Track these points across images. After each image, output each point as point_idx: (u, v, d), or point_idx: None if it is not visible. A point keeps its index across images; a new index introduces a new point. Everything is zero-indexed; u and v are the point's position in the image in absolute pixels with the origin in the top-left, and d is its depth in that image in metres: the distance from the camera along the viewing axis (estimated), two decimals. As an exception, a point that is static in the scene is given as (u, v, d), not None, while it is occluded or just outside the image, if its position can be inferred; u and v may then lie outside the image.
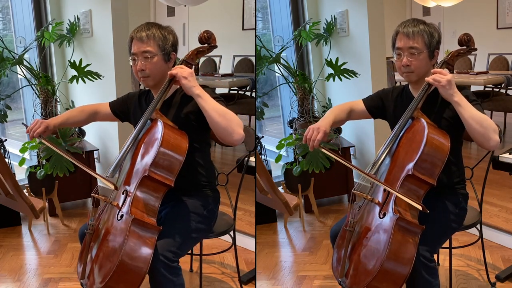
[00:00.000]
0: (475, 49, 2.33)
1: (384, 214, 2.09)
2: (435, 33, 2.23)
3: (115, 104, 2.51)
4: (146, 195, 2.13)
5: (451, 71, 2.22)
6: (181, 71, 2.15)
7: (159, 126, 2.15)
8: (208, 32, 2.36)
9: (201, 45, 2.37)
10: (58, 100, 4.23)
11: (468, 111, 2.06)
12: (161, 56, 2.25)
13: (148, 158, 2.11)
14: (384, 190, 2.14)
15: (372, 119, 2.52)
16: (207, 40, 2.36)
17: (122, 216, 2.09)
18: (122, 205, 2.12)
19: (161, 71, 2.26)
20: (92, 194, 2.21)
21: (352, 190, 2.21)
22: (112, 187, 2.13)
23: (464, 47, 2.32)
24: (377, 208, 2.13)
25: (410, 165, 2.08)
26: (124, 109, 2.47)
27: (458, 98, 2.08)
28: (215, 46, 2.38)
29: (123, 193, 2.15)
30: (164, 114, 2.23)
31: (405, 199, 2.04)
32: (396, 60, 2.25)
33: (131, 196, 2.11)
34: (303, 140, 2.25)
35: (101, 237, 2.13)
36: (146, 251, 2.04)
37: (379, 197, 2.16)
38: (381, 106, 2.42)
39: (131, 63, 2.29)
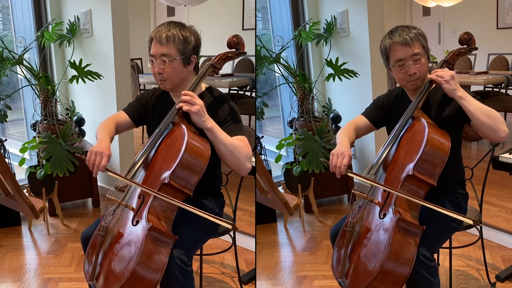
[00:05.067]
0: (476, 48, 2.32)
1: (384, 215, 2.09)
2: (423, 34, 2.21)
3: (132, 111, 2.36)
4: (164, 202, 2.05)
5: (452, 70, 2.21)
6: (190, 107, 2.06)
7: (184, 131, 2.07)
8: (238, 37, 2.28)
9: (230, 50, 2.29)
10: (58, 100, 4.23)
11: (473, 105, 2.06)
12: (180, 60, 2.16)
13: (170, 165, 2.03)
14: (384, 190, 2.13)
15: (377, 129, 2.47)
16: (236, 45, 2.28)
17: (138, 222, 2.02)
18: (138, 210, 2.05)
19: (179, 75, 2.19)
20: (107, 195, 2.11)
21: (352, 190, 2.20)
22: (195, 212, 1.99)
23: (465, 46, 2.31)
24: (377, 209, 2.13)
25: (411, 166, 2.07)
26: (142, 112, 2.35)
27: (462, 93, 2.07)
28: (244, 53, 2.30)
29: (139, 197, 2.07)
30: (188, 119, 2.14)
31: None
32: (399, 72, 2.19)
33: (149, 202, 2.03)
34: (330, 168, 2.16)
35: (112, 240, 2.05)
36: (161, 260, 1.99)
37: (379, 197, 2.15)
38: (381, 115, 2.39)
39: (149, 64, 2.20)
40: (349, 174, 2.12)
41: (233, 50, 2.30)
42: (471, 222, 1.97)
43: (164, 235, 2.02)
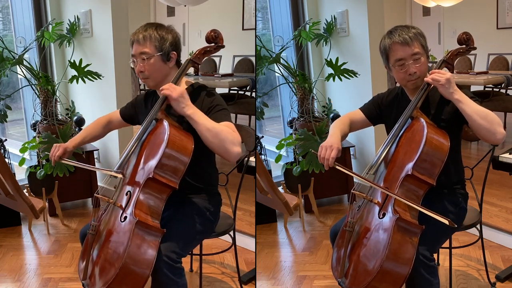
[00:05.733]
0: (475, 48, 2.32)
1: (384, 214, 2.09)
2: (422, 33, 2.22)
3: (124, 110, 2.53)
4: (150, 197, 2.10)
5: (451, 71, 2.22)
6: (171, 91, 2.11)
7: (165, 126, 2.12)
8: (215, 31, 2.32)
9: (208, 45, 2.33)
10: (58, 100, 4.23)
11: (470, 107, 2.06)
12: (159, 57, 2.23)
13: (153, 159, 2.08)
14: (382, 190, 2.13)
15: (373, 125, 2.48)
16: (214, 40, 2.32)
17: (125, 218, 2.07)
18: (125, 207, 2.09)
19: (160, 71, 2.26)
20: (95, 194, 2.19)
21: (352, 190, 2.20)
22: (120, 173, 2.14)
23: (464, 46, 2.31)
24: (377, 208, 2.13)
25: (410, 165, 2.07)
26: (132, 113, 2.49)
27: (459, 96, 2.08)
28: (222, 46, 2.34)
29: (126, 194, 2.12)
30: (170, 115, 2.20)
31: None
32: (399, 71, 2.19)
33: (134, 197, 2.08)
34: (319, 160, 2.18)
35: (103, 238, 2.10)
36: (150, 254, 2.02)
37: (378, 197, 2.15)
38: (379, 112, 2.40)
39: (131, 65, 2.29)
40: (337, 167, 2.11)
41: (212, 44, 2.33)
42: (447, 222, 1.97)
43: (151, 229, 2.05)
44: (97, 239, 2.12)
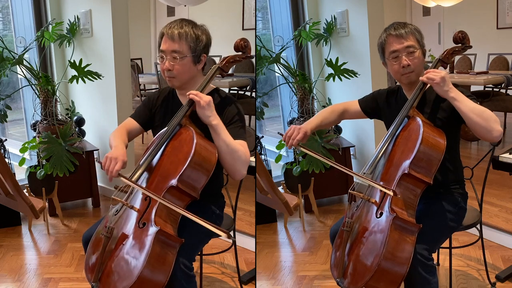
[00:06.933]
0: (470, 47, 2.33)
1: (381, 214, 2.09)
2: (419, 30, 2.25)
3: (139, 116, 2.36)
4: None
5: (451, 71, 2.22)
6: (200, 98, 2.06)
7: (192, 134, 2.06)
8: (245, 40, 2.27)
9: (237, 53, 2.28)
10: (58, 100, 4.23)
11: (466, 105, 2.06)
12: (191, 58, 2.16)
13: (178, 168, 2.01)
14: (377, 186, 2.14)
15: (370, 119, 2.53)
16: (243, 49, 2.27)
17: (144, 224, 1.99)
18: (144, 212, 2.02)
19: (188, 73, 2.18)
20: (112, 196, 2.06)
21: (349, 190, 2.20)
22: None
23: (459, 44, 2.33)
24: (374, 208, 2.13)
25: (406, 164, 2.08)
26: (148, 116, 2.35)
27: (454, 94, 2.08)
28: (251, 56, 2.31)
29: (145, 199, 2.04)
30: (194, 121, 2.14)
31: (380, 187, 2.06)
32: (393, 64, 2.22)
33: (156, 205, 2.00)
34: (283, 138, 2.30)
35: (117, 241, 2.01)
36: (168, 263, 1.97)
37: (376, 197, 2.15)
38: (375, 107, 2.43)
39: (158, 61, 2.19)
40: (302, 149, 2.23)
41: (240, 53, 2.29)
42: (391, 193, 2.02)
43: (171, 239, 1.99)
44: (112, 242, 2.03)
